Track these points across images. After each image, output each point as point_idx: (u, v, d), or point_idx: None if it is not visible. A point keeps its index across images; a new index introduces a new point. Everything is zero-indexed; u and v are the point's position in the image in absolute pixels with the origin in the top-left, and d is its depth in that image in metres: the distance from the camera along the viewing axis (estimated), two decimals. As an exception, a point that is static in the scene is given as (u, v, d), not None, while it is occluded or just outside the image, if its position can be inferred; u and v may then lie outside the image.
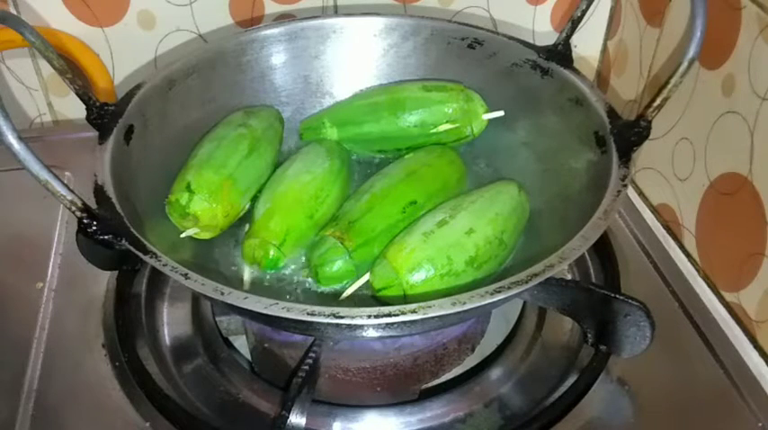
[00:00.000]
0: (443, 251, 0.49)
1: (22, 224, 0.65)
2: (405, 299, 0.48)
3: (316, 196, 0.55)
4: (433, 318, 0.40)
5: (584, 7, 0.58)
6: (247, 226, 0.56)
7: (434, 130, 0.61)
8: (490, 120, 0.61)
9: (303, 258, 0.54)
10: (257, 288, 0.53)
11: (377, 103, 0.63)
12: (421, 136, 0.62)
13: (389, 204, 0.54)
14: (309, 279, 0.53)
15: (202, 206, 0.52)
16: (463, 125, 0.61)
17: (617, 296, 0.47)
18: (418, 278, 0.48)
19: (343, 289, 0.52)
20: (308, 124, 0.65)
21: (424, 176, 0.57)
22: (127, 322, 0.55)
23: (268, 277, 0.54)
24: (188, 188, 0.52)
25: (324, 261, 0.51)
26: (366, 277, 0.50)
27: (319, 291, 0.53)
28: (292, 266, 0.55)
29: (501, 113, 0.60)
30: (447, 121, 0.61)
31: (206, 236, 0.54)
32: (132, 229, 0.44)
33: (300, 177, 0.56)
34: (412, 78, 0.66)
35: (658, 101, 0.49)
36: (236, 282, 0.54)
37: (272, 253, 0.53)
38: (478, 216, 0.51)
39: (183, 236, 0.53)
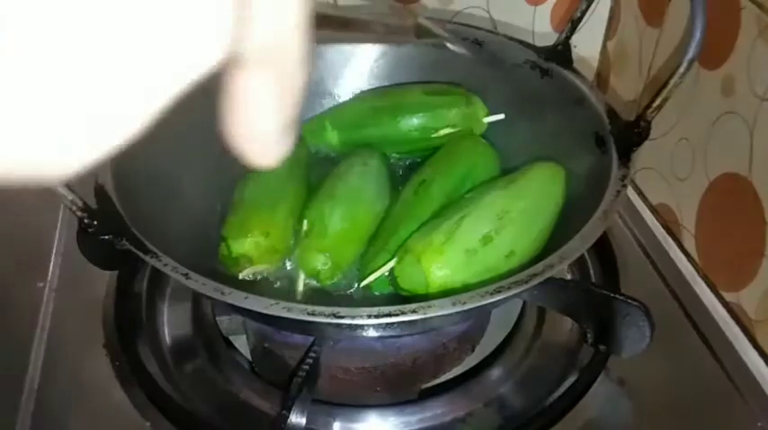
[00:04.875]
0: (480, 275, 0.48)
1: (23, 224, 0.65)
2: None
3: (381, 226, 0.55)
4: (432, 317, 0.40)
5: (583, 8, 0.59)
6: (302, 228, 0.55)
7: (435, 135, 0.61)
8: (490, 122, 0.61)
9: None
10: (263, 287, 0.53)
11: (378, 107, 0.63)
12: (422, 140, 0.62)
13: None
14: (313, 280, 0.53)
15: (253, 248, 0.52)
16: (464, 129, 0.61)
17: (616, 296, 0.47)
18: (444, 294, 0.46)
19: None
20: (309, 127, 0.65)
21: (440, 156, 0.59)
22: (127, 322, 0.55)
23: (268, 276, 0.54)
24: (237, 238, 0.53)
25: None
26: (391, 264, 0.49)
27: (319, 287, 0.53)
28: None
29: (501, 117, 0.60)
30: (448, 126, 0.61)
31: (270, 267, 0.54)
32: (132, 229, 0.44)
33: (375, 206, 0.56)
34: (412, 79, 0.66)
35: (658, 101, 0.49)
36: (235, 281, 0.54)
37: (338, 276, 0.53)
38: (523, 233, 0.50)
39: (241, 277, 0.53)
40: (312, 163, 0.63)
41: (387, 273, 0.51)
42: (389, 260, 0.51)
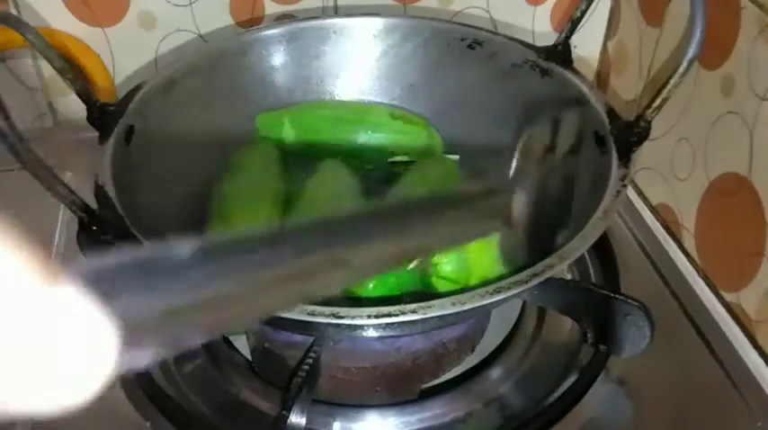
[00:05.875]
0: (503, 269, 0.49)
1: (22, 224, 0.65)
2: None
3: None
4: (432, 317, 0.40)
5: (583, 8, 0.59)
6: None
7: (391, 159, 0.62)
8: (491, 121, 0.61)
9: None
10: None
11: (342, 118, 0.64)
12: (376, 161, 0.62)
13: None
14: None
15: None
16: (419, 161, 0.62)
17: (616, 296, 0.47)
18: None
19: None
20: (266, 118, 0.64)
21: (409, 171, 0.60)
22: (127, 322, 0.55)
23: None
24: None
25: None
26: None
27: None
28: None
29: (456, 157, 0.62)
30: (405, 153, 0.62)
31: None
32: (132, 229, 0.44)
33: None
34: (412, 79, 0.66)
35: (658, 101, 0.49)
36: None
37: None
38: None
39: None
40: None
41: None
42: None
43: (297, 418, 0.46)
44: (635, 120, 0.50)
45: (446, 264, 0.49)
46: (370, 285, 0.50)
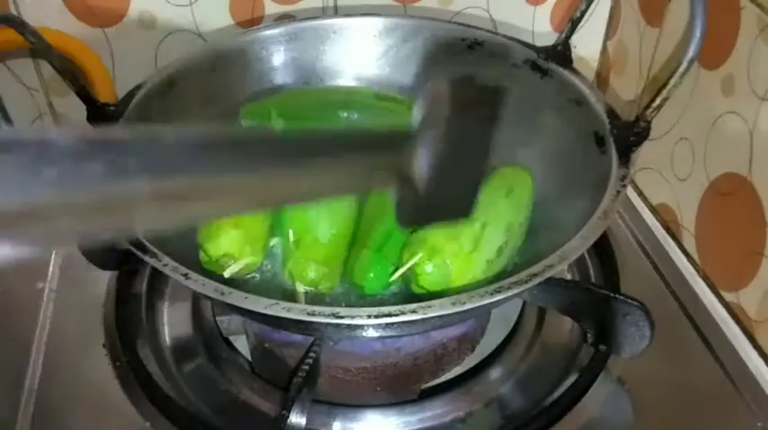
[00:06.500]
0: (489, 279, 0.49)
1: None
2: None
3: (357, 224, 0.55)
4: (432, 317, 0.40)
5: (583, 8, 0.59)
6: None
7: None
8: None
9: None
10: (263, 286, 0.53)
11: (328, 102, 0.63)
12: None
13: None
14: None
15: (229, 244, 0.51)
16: None
17: (616, 296, 0.47)
18: None
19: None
20: (251, 109, 0.63)
21: None
22: (127, 322, 0.55)
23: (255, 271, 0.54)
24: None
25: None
26: (415, 260, 0.49)
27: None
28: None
29: None
30: None
31: (255, 258, 0.53)
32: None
33: (352, 206, 0.56)
34: (411, 79, 0.66)
35: (658, 101, 0.49)
36: (235, 281, 0.54)
37: (337, 282, 0.53)
38: (518, 247, 0.53)
39: (227, 275, 0.51)
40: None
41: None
42: (377, 256, 0.51)
43: (297, 418, 0.46)
44: (635, 121, 0.50)
45: (428, 275, 0.49)
46: (371, 274, 0.51)
